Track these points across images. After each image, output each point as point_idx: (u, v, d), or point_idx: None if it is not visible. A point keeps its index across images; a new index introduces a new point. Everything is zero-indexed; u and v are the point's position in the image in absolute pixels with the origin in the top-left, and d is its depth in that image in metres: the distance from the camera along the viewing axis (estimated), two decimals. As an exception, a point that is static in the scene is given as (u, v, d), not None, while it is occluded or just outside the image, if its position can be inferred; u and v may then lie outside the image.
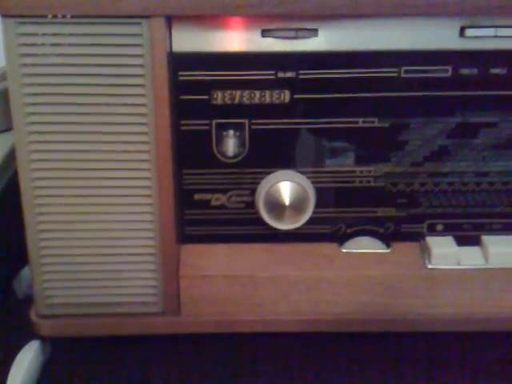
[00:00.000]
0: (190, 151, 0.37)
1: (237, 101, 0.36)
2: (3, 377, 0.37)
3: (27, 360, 0.36)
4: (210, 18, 0.33)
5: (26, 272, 0.44)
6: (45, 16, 0.32)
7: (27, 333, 0.40)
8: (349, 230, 0.39)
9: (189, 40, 0.34)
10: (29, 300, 0.43)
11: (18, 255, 0.50)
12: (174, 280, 0.37)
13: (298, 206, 0.37)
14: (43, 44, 0.32)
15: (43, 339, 0.39)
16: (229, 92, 0.36)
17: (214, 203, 0.38)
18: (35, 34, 0.32)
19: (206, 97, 0.36)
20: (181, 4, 0.32)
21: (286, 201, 0.36)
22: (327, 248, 0.39)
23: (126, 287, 0.38)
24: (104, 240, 0.37)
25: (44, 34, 0.32)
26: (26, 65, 0.32)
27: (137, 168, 0.35)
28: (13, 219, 0.50)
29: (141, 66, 0.33)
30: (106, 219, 0.36)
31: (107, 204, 0.36)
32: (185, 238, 0.39)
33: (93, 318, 0.38)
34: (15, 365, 0.36)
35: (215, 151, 0.37)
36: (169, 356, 0.40)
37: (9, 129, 0.52)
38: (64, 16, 0.31)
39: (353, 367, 0.39)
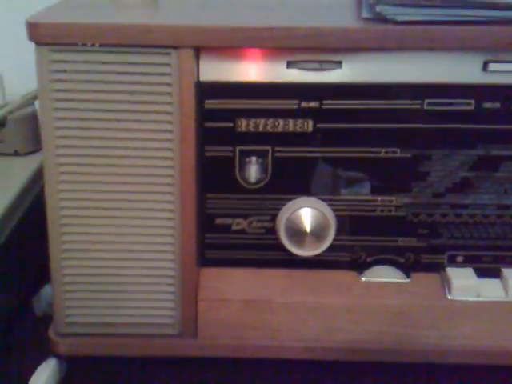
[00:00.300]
0: (213, 176, 0.38)
1: (261, 129, 0.37)
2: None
3: (44, 377, 0.37)
4: (237, 50, 0.34)
5: (46, 291, 0.45)
6: (76, 44, 0.33)
7: (45, 351, 0.41)
8: (369, 259, 0.39)
9: (215, 70, 0.35)
10: (47, 318, 0.45)
11: (37, 274, 0.52)
12: (193, 303, 0.38)
13: (318, 232, 0.37)
14: (74, 71, 0.33)
15: (59, 357, 0.40)
16: (253, 120, 0.37)
17: (234, 228, 0.39)
18: (66, 61, 0.33)
19: (231, 124, 0.37)
20: (209, 36, 0.33)
21: (307, 227, 0.37)
22: (346, 276, 0.39)
23: (144, 308, 0.38)
24: (125, 261, 0.37)
25: (75, 61, 0.33)
26: (57, 90, 0.34)
27: (161, 192, 0.36)
28: (33, 239, 0.52)
29: (169, 94, 0.34)
30: (128, 241, 0.37)
31: (130, 226, 0.37)
32: (205, 262, 0.39)
33: (110, 338, 0.39)
34: (32, 382, 0.37)
35: (238, 177, 0.38)
36: (183, 378, 0.40)
37: (36, 150, 0.54)
38: (93, 45, 0.33)
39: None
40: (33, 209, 0.47)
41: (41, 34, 0.32)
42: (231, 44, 0.33)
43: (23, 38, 0.58)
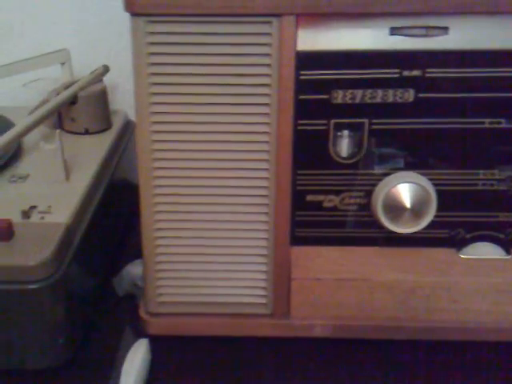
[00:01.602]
0: (305, 151, 0.37)
1: (358, 100, 0.36)
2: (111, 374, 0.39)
3: (139, 358, 0.38)
4: (338, 16, 0.34)
5: (127, 270, 0.45)
6: (175, 15, 0.33)
7: (131, 330, 0.42)
8: (468, 236, 0.38)
9: (313, 39, 0.34)
10: (127, 298, 0.45)
11: (114, 253, 0.53)
12: (286, 282, 0.38)
13: (419, 209, 0.36)
14: (171, 43, 0.33)
15: (151, 337, 0.40)
16: (350, 91, 0.36)
17: (326, 205, 0.39)
18: (164, 33, 0.33)
19: (326, 96, 0.36)
20: (313, 3, 0.32)
21: (408, 203, 0.36)
22: (444, 253, 0.38)
23: (236, 287, 0.38)
24: (217, 239, 0.38)
25: (172, 33, 0.33)
26: (153, 64, 0.34)
27: (255, 168, 0.36)
28: (111, 218, 0.52)
29: (268, 65, 0.33)
30: (221, 219, 0.37)
31: (223, 203, 0.37)
32: (295, 240, 0.39)
33: (202, 318, 0.39)
34: (128, 364, 0.37)
35: (331, 151, 0.37)
36: (274, 359, 0.40)
37: (106, 129, 0.55)
38: (194, 15, 0.32)
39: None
40: (109, 189, 0.48)
41: (138, 4, 0.32)
42: (336, 10, 0.32)
43: (88, 14, 0.60)
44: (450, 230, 0.38)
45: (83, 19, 0.59)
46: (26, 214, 0.39)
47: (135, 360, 0.37)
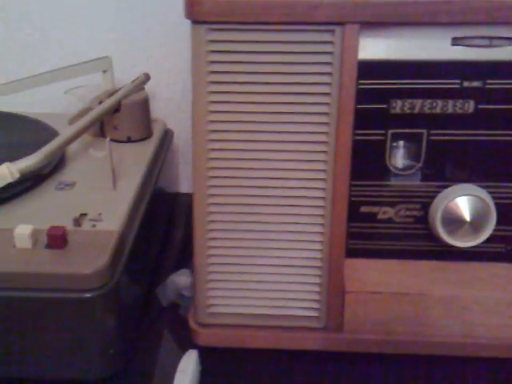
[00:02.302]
0: (361, 162, 0.37)
1: (417, 110, 0.36)
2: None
3: (190, 370, 0.37)
4: (401, 25, 0.34)
5: (172, 280, 0.45)
6: (236, 23, 0.33)
7: (176, 341, 0.42)
8: (527, 250, 0.38)
9: (373, 48, 0.34)
10: (171, 308, 0.45)
11: (156, 263, 0.53)
12: (340, 295, 0.38)
13: (478, 222, 0.36)
14: (231, 51, 0.33)
15: (200, 348, 0.40)
16: (409, 101, 0.36)
17: (380, 216, 0.38)
18: (224, 41, 0.33)
19: (385, 106, 0.36)
20: (377, 11, 0.32)
21: (467, 217, 0.36)
22: (502, 268, 0.38)
23: (288, 300, 0.38)
24: (271, 250, 0.37)
25: (233, 41, 0.33)
26: (212, 72, 0.34)
27: (312, 178, 0.36)
28: (154, 229, 0.53)
29: (329, 74, 0.33)
30: (275, 229, 0.37)
31: (278, 214, 0.37)
32: (349, 252, 0.39)
33: (252, 330, 0.39)
34: (180, 373, 0.37)
35: (387, 162, 0.37)
36: (327, 374, 0.40)
37: (147, 137, 0.55)
38: (256, 23, 0.33)
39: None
40: (152, 198, 0.48)
41: (200, 12, 0.32)
42: (401, 19, 0.32)
43: (129, 22, 0.60)
44: (508, 244, 0.38)
45: (122, 27, 0.60)
46: (77, 222, 0.39)
47: (187, 371, 0.37)
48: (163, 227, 0.56)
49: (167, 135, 0.58)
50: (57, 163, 0.47)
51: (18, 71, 0.61)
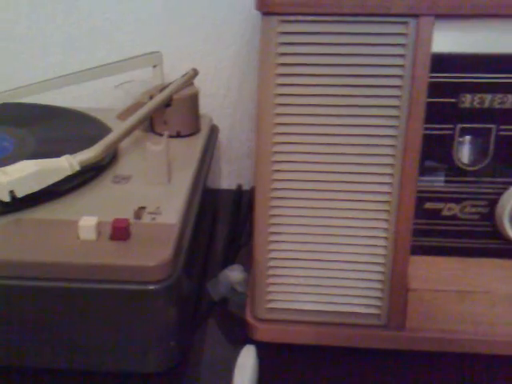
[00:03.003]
0: (427, 156, 0.37)
1: (486, 105, 0.35)
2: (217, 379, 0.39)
3: (249, 365, 0.37)
4: (475, 18, 0.33)
5: (224, 275, 0.45)
6: (308, 14, 0.33)
7: (230, 335, 0.42)
8: None
9: (446, 40, 0.34)
10: (222, 302, 0.46)
11: (206, 258, 0.53)
12: (403, 292, 0.37)
13: (550, 220, 0.35)
14: (302, 43, 0.33)
15: (257, 343, 0.40)
16: (479, 95, 0.35)
17: (445, 213, 0.38)
18: (295, 33, 0.33)
19: (454, 100, 0.35)
20: (453, 3, 0.32)
21: (538, 214, 0.35)
22: None
23: (349, 296, 0.38)
24: (333, 245, 0.37)
25: (304, 33, 0.33)
26: (282, 64, 0.34)
27: (379, 173, 0.35)
28: (205, 224, 0.53)
29: (401, 66, 0.33)
30: (339, 224, 0.37)
31: (341, 209, 0.36)
32: (413, 249, 0.38)
33: (311, 326, 0.39)
34: (239, 368, 0.37)
35: (454, 157, 0.37)
36: (386, 371, 0.40)
37: (195, 132, 0.55)
38: (328, 14, 0.33)
39: None
40: (204, 193, 0.48)
41: (273, 4, 0.32)
42: (479, 11, 0.32)
43: (176, 17, 0.61)
44: None
45: (168, 23, 0.60)
46: (137, 215, 0.39)
47: (247, 366, 0.37)
48: (210, 223, 0.56)
49: (214, 131, 0.58)
50: (111, 157, 0.47)
51: (64, 66, 0.62)
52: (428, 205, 0.38)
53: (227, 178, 0.68)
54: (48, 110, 0.55)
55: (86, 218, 0.37)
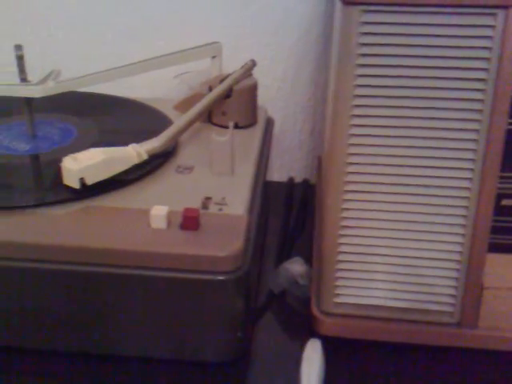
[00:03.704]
0: (506, 152, 0.36)
1: None
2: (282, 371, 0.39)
3: (317, 358, 0.37)
4: None
5: (285, 268, 0.45)
6: (392, 4, 0.32)
7: (288, 328, 0.42)
8: None
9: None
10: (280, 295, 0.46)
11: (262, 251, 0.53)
12: (477, 291, 0.37)
13: None
14: (384, 33, 0.33)
15: (323, 338, 0.39)
16: None
17: (522, 210, 0.37)
18: (377, 23, 0.33)
19: (538, 94, 0.35)
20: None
21: None
22: None
23: (421, 293, 0.37)
24: (407, 241, 0.37)
25: (387, 23, 0.33)
26: (362, 55, 0.33)
27: (458, 167, 0.35)
28: (264, 216, 0.53)
29: (486, 59, 0.32)
30: (413, 219, 0.36)
31: (416, 203, 0.36)
32: (489, 247, 0.37)
33: (379, 322, 0.38)
34: (306, 362, 0.37)
35: (534, 153, 0.36)
36: (455, 369, 0.39)
37: (252, 124, 0.55)
38: (412, 5, 0.32)
39: None
40: (264, 185, 0.48)
41: (356, -6, 0.32)
42: None
43: (233, 9, 0.61)
44: None
45: (226, 14, 0.60)
46: (204, 205, 0.40)
47: (314, 360, 0.37)
48: (266, 215, 0.56)
49: (270, 123, 0.58)
50: (174, 147, 0.48)
51: (122, 55, 0.62)
52: (505, 202, 0.37)
53: (278, 171, 0.68)
54: (108, 99, 0.56)
55: (156, 207, 0.37)
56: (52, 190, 0.40)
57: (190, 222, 0.37)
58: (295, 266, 0.46)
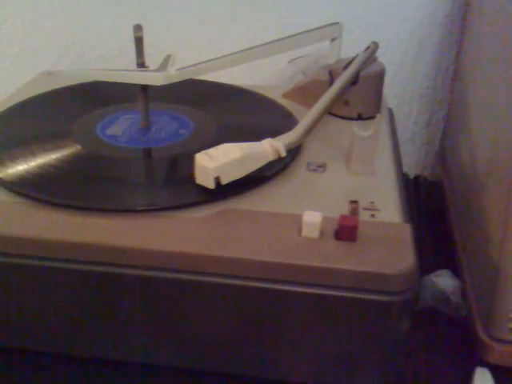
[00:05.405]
0: None
1: None
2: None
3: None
4: None
5: (431, 281, 0.40)
6: None
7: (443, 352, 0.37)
8: None
9: None
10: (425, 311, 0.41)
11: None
12: None
13: None
14: None
15: (491, 367, 0.34)
16: None
17: None
18: None
19: None
20: None
21: None
22: None
23: None
24: None
25: None
26: None
27: None
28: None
29: None
30: None
31: None
32: None
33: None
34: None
35: None
36: None
37: (373, 116, 0.50)
38: None
39: None
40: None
41: None
42: None
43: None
44: None
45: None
46: (353, 210, 0.35)
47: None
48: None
49: (391, 114, 0.53)
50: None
51: (220, 37, 0.57)
52: None
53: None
54: (217, 87, 0.51)
55: (309, 212, 0.33)
56: (185, 190, 0.36)
57: (347, 231, 0.32)
58: (442, 280, 0.41)
